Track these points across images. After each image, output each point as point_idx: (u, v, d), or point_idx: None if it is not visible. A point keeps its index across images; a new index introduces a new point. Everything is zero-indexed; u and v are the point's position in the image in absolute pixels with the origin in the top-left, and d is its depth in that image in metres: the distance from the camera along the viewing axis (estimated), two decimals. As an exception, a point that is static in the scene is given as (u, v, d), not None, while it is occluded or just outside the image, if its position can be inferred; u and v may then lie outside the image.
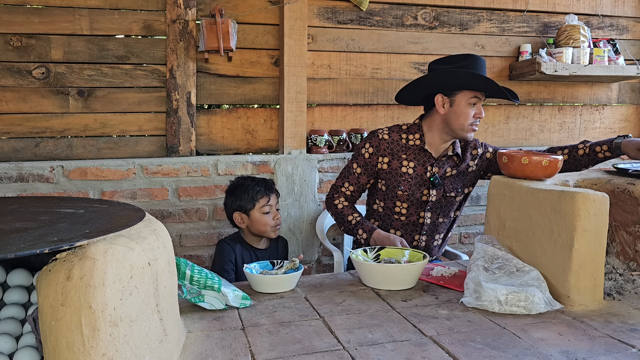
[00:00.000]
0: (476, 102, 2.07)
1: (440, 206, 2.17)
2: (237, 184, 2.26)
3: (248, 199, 2.20)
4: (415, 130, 2.17)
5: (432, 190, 2.13)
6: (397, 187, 2.13)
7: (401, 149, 2.16)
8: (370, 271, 1.64)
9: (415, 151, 2.15)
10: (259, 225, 2.21)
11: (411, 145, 2.16)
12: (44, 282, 0.94)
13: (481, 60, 2.09)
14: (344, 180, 2.21)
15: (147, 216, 1.24)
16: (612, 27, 3.37)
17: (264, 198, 2.20)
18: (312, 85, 2.88)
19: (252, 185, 2.23)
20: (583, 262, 1.42)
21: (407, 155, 2.15)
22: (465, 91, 2.06)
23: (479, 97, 2.07)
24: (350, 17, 2.91)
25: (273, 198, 2.24)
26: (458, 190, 2.18)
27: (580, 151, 2.09)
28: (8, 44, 2.49)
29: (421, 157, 2.15)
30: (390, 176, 2.15)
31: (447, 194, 2.15)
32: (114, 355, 0.95)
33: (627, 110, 3.49)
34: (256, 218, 2.21)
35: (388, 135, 2.17)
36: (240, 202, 2.21)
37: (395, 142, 2.16)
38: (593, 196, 1.42)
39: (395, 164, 2.14)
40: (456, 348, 1.20)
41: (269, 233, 2.23)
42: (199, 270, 1.44)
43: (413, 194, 2.13)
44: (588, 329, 1.31)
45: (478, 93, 2.06)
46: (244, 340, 1.25)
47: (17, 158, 2.54)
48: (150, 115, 2.69)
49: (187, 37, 2.64)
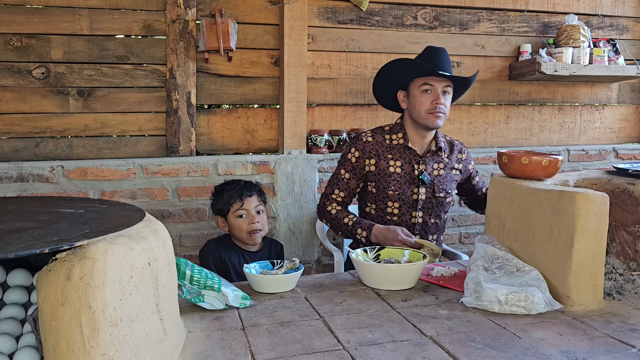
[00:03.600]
0: (429, 89, 2.10)
1: (431, 206, 2.19)
2: (217, 190, 2.25)
3: (224, 203, 2.18)
4: (397, 129, 2.21)
5: (421, 188, 2.15)
6: (388, 188, 2.15)
7: (386, 150, 2.18)
8: (370, 271, 1.64)
9: (400, 150, 2.18)
10: (234, 230, 2.18)
11: (395, 145, 2.18)
12: (44, 282, 0.94)
13: (436, 49, 2.16)
14: (334, 188, 2.22)
15: (147, 216, 1.24)
16: (612, 27, 3.37)
17: (237, 202, 2.16)
18: (312, 85, 2.88)
19: (228, 188, 2.20)
20: (583, 262, 1.42)
21: (393, 155, 2.17)
22: (415, 80, 2.12)
23: (431, 84, 2.09)
24: (350, 17, 2.91)
25: (249, 202, 2.17)
26: (447, 192, 2.20)
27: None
28: (8, 44, 2.48)
29: (407, 155, 2.18)
30: (380, 177, 2.16)
31: (437, 194, 2.17)
32: (114, 355, 0.95)
33: (627, 110, 3.49)
34: (232, 222, 2.18)
35: (372, 138, 2.20)
36: (218, 205, 2.21)
37: (379, 143, 2.19)
38: (593, 196, 1.42)
39: (383, 164, 2.16)
40: (456, 348, 1.20)
41: (246, 239, 2.17)
42: (199, 270, 1.43)
43: (404, 192, 2.14)
44: (588, 329, 1.31)
45: (429, 79, 2.09)
46: (244, 340, 1.25)
47: (17, 158, 2.54)
48: (150, 115, 2.69)
49: (187, 37, 2.64)
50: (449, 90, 2.13)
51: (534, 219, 1.55)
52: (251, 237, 2.17)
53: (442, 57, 2.14)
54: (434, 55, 2.14)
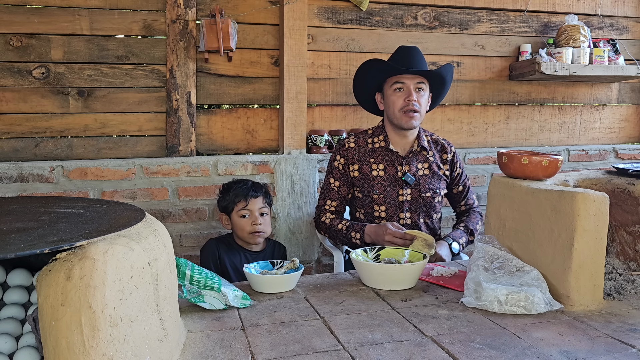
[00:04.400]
0: (401, 87, 2.11)
1: (419, 206, 2.18)
2: (224, 188, 2.26)
3: (229, 201, 2.20)
4: (379, 132, 2.22)
5: (405, 189, 2.15)
6: (372, 192, 2.15)
7: (368, 154, 2.19)
8: (370, 271, 1.64)
9: (382, 153, 2.18)
10: (236, 229, 2.20)
11: (377, 148, 2.19)
12: (44, 282, 0.94)
13: (407, 48, 2.18)
14: (325, 199, 2.23)
15: (147, 216, 1.24)
16: (612, 27, 3.37)
17: (241, 202, 2.18)
18: (312, 85, 2.88)
19: (235, 187, 2.22)
20: (583, 262, 1.42)
21: (375, 158, 2.18)
22: (387, 80, 2.14)
23: (402, 81, 2.10)
24: (350, 17, 2.91)
25: (253, 203, 2.18)
26: (435, 192, 2.19)
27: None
28: (8, 44, 2.48)
29: (389, 157, 2.18)
30: (363, 182, 2.17)
31: (422, 194, 2.16)
32: (114, 355, 0.95)
33: (627, 110, 3.49)
34: (235, 221, 2.20)
35: (354, 143, 2.22)
36: (223, 203, 2.22)
37: (361, 148, 2.21)
38: (593, 196, 1.42)
39: (366, 169, 2.17)
40: (456, 348, 1.20)
41: (247, 238, 2.19)
42: (199, 270, 1.44)
43: (389, 195, 2.14)
44: (588, 329, 1.31)
45: (400, 77, 2.10)
46: (244, 340, 1.25)
47: (17, 158, 2.54)
48: (150, 115, 2.69)
49: (187, 37, 2.64)
50: (423, 87, 2.13)
51: (534, 219, 1.55)
52: (253, 237, 2.18)
53: (412, 54, 2.16)
54: (404, 54, 2.16)
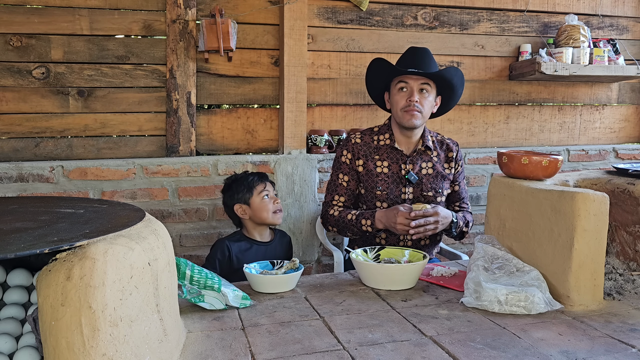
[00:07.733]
0: (404, 87, 2.14)
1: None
2: (232, 180, 2.29)
3: (245, 189, 2.23)
4: (385, 130, 2.24)
5: (408, 187, 2.16)
6: (376, 188, 2.17)
7: (373, 150, 2.21)
8: (370, 271, 1.64)
9: (387, 150, 2.20)
10: (260, 212, 2.21)
11: (382, 146, 2.21)
12: (44, 282, 0.94)
13: (416, 49, 2.21)
14: (333, 194, 2.24)
15: (147, 216, 1.24)
16: (612, 27, 3.37)
17: (260, 184, 2.23)
18: (312, 85, 2.88)
19: (245, 176, 2.27)
20: (583, 262, 1.42)
21: (380, 156, 2.20)
22: (393, 80, 2.17)
23: (406, 82, 2.13)
24: (350, 17, 2.91)
25: (269, 185, 2.26)
26: (437, 191, 2.20)
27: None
28: (8, 44, 2.48)
29: (394, 155, 2.19)
30: (367, 178, 2.18)
31: (425, 193, 2.17)
32: (114, 355, 0.95)
33: (627, 110, 3.49)
34: (256, 205, 2.21)
35: (360, 139, 2.24)
36: (238, 194, 2.24)
37: (367, 144, 2.23)
38: (593, 196, 1.42)
39: (370, 165, 2.18)
40: (456, 348, 1.20)
41: (271, 219, 2.23)
42: (199, 270, 1.44)
43: (392, 192, 2.16)
44: (588, 329, 1.31)
45: (404, 77, 2.13)
46: (244, 340, 1.25)
47: (17, 158, 2.54)
48: (150, 115, 2.69)
49: (187, 37, 2.64)
50: (428, 89, 2.14)
51: (534, 219, 1.55)
52: (275, 217, 2.23)
53: (418, 56, 2.18)
54: (412, 55, 2.19)
